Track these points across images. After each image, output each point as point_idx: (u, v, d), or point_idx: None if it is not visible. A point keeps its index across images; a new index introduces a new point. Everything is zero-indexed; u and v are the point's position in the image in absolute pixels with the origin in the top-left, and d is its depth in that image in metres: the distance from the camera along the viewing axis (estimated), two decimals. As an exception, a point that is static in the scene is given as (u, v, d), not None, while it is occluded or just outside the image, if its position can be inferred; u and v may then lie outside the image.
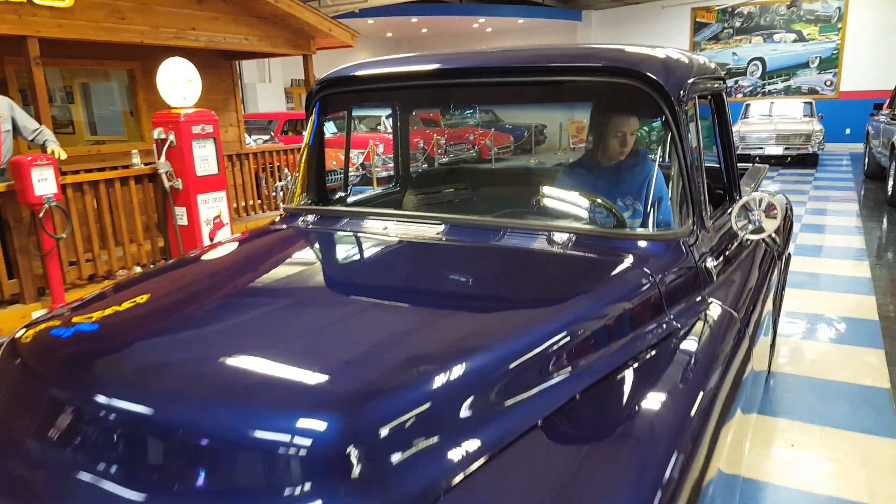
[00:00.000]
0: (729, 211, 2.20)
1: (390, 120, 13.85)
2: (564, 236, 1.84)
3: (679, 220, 1.92)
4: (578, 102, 2.57)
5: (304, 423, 1.07)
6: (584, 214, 2.07)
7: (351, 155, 10.50)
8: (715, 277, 1.96)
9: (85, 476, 1.15)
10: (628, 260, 1.76)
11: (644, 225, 1.95)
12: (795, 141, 12.61)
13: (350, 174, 9.09)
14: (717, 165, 2.70)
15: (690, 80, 1.99)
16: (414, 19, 17.79)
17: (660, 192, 1.97)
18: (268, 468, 1.05)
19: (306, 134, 2.48)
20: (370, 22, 17.73)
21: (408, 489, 1.04)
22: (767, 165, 4.63)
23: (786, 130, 12.76)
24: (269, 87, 17.69)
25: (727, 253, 2.20)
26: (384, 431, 1.08)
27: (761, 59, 17.36)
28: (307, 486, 1.02)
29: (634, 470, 1.17)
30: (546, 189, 2.25)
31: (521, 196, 2.28)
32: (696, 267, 1.88)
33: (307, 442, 1.06)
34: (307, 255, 2.07)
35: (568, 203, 2.15)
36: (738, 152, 12.94)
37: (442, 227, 2.00)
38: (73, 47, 6.91)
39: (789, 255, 3.77)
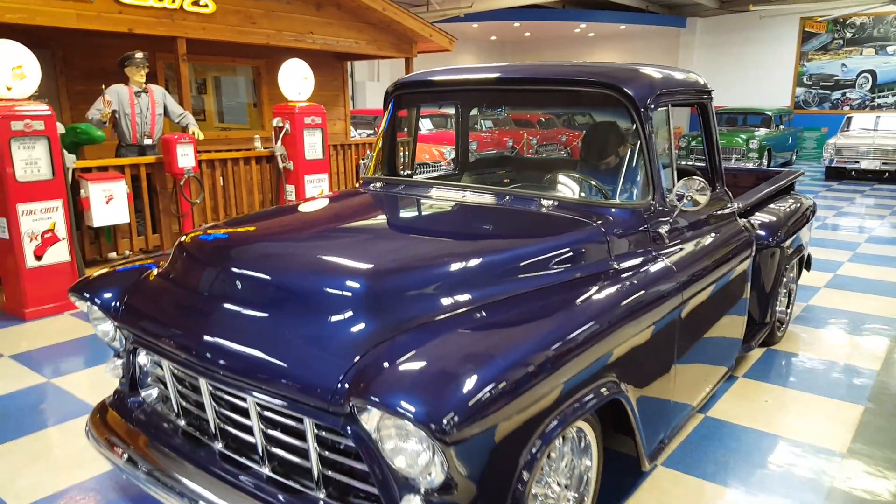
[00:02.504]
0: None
1: (486, 121, 14.54)
2: (549, 202, 2.58)
3: (640, 196, 2.60)
4: (576, 107, 3.26)
5: (351, 281, 1.89)
6: (574, 189, 2.80)
7: (444, 150, 11.43)
8: (666, 240, 2.62)
9: (228, 306, 2.02)
10: (593, 219, 2.47)
11: (613, 197, 2.65)
12: (895, 156, 12.32)
13: (442, 167, 10.23)
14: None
15: (658, 93, 2.64)
16: (516, 24, 18.48)
17: (629, 175, 2.65)
18: (331, 302, 1.87)
19: (382, 123, 3.32)
20: (475, 26, 18.59)
21: (401, 317, 1.84)
22: (805, 169, 5.06)
23: (885, 145, 12.47)
24: (377, 85, 18.93)
25: (692, 227, 2.83)
26: (392, 289, 1.89)
27: (872, 72, 16.77)
28: (348, 310, 1.83)
29: (545, 331, 1.90)
30: (552, 172, 2.98)
31: (535, 177, 3.03)
32: (648, 230, 2.55)
33: (352, 294, 1.87)
34: (371, 205, 2.91)
35: (562, 182, 2.88)
36: (832, 165, 12.82)
37: (468, 193, 2.79)
38: (210, 46, 8.16)
39: (800, 248, 4.23)
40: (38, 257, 4.91)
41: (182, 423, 2.33)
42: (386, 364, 1.68)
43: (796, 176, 4.81)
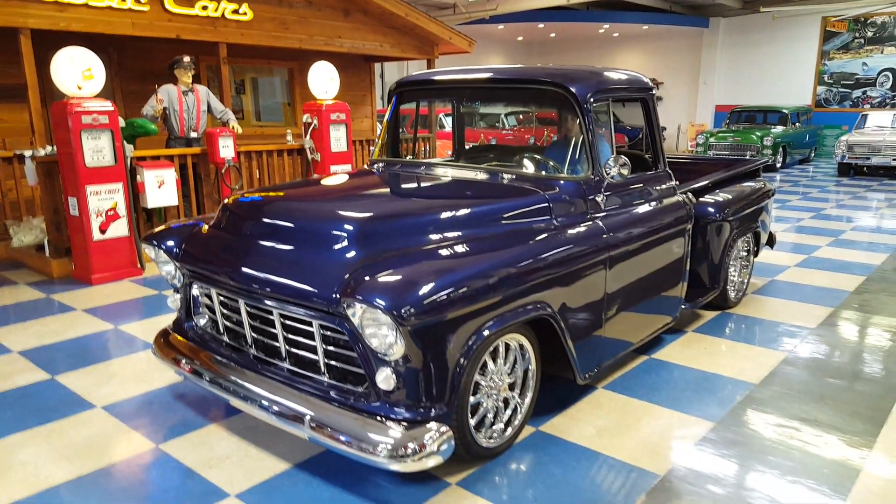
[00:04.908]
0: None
1: (508, 119, 15.16)
2: (509, 176, 3.30)
3: (581, 171, 3.30)
4: (536, 102, 3.96)
5: (346, 225, 2.64)
6: (533, 166, 3.52)
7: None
8: (602, 207, 3.31)
9: (259, 244, 2.79)
10: (541, 188, 3.17)
11: (560, 172, 3.36)
12: (906, 153, 12.67)
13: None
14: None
15: (597, 90, 3.33)
16: (541, 25, 19.09)
17: (573, 154, 3.35)
18: (331, 239, 2.62)
19: (386, 115, 4.06)
20: (500, 28, 19.26)
21: (381, 249, 2.58)
22: (768, 159, 5.67)
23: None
24: (405, 85, 19.60)
25: (631, 198, 3.52)
26: (377, 230, 2.64)
27: (893, 70, 16.96)
28: (343, 244, 2.58)
29: (486, 260, 2.62)
30: (520, 154, 3.71)
31: (510, 159, 3.77)
32: (586, 198, 3.25)
33: (346, 234, 2.61)
34: (372, 178, 3.67)
35: (525, 162, 3.60)
36: (844, 161, 13.14)
37: (449, 169, 3.52)
38: (249, 50, 9.02)
39: (754, 226, 4.85)
40: (103, 231, 5.79)
41: (225, 338, 3.11)
42: (367, 277, 2.42)
43: (760, 164, 5.42)
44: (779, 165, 14.76)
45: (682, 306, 4.13)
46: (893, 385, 3.63)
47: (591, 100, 3.30)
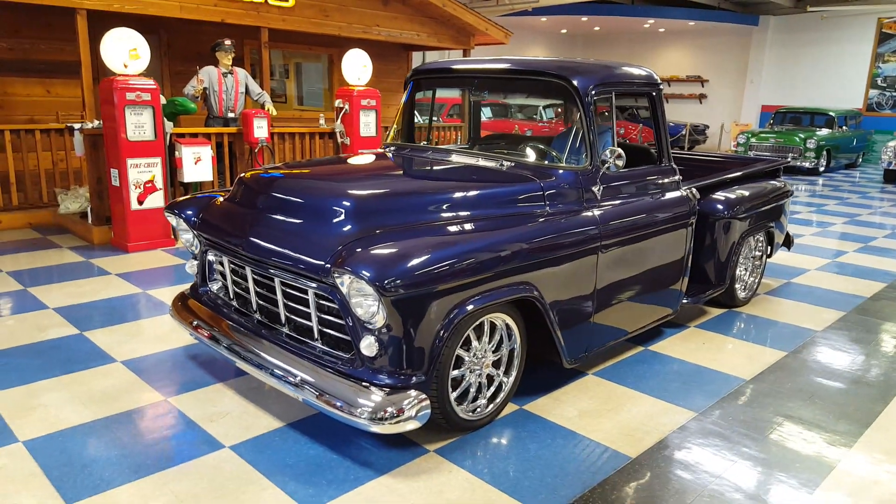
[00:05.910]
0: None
1: (547, 111, 15.13)
2: (509, 163, 3.43)
3: (578, 162, 3.40)
4: (543, 94, 4.05)
5: (345, 201, 2.81)
6: (534, 155, 3.64)
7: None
8: (598, 197, 3.41)
9: (267, 217, 2.99)
10: (538, 176, 3.29)
11: (560, 161, 3.47)
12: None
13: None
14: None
15: (599, 83, 3.43)
16: (584, 18, 18.94)
17: (573, 145, 3.45)
18: (328, 214, 2.80)
19: (402, 101, 4.23)
20: (543, 20, 19.20)
21: (373, 225, 2.75)
22: (788, 160, 5.63)
23: (944, 150, 12.39)
24: (447, 74, 19.72)
25: (630, 190, 3.61)
26: (372, 207, 2.81)
27: (949, 76, 16.35)
28: (339, 218, 2.76)
29: (470, 240, 2.76)
30: (525, 144, 3.83)
31: (517, 147, 3.89)
32: (582, 188, 3.35)
33: (343, 209, 2.79)
34: (382, 160, 3.84)
35: (528, 150, 3.72)
36: (890, 167, 12.78)
37: (454, 155, 3.67)
38: (290, 35, 9.28)
39: (766, 225, 4.86)
40: (140, 202, 6.11)
41: (234, 303, 3.33)
42: (358, 250, 2.59)
43: (780, 164, 5.41)
44: (822, 169, 14.40)
45: (684, 300, 4.19)
46: (888, 390, 3.65)
47: (593, 92, 3.40)
